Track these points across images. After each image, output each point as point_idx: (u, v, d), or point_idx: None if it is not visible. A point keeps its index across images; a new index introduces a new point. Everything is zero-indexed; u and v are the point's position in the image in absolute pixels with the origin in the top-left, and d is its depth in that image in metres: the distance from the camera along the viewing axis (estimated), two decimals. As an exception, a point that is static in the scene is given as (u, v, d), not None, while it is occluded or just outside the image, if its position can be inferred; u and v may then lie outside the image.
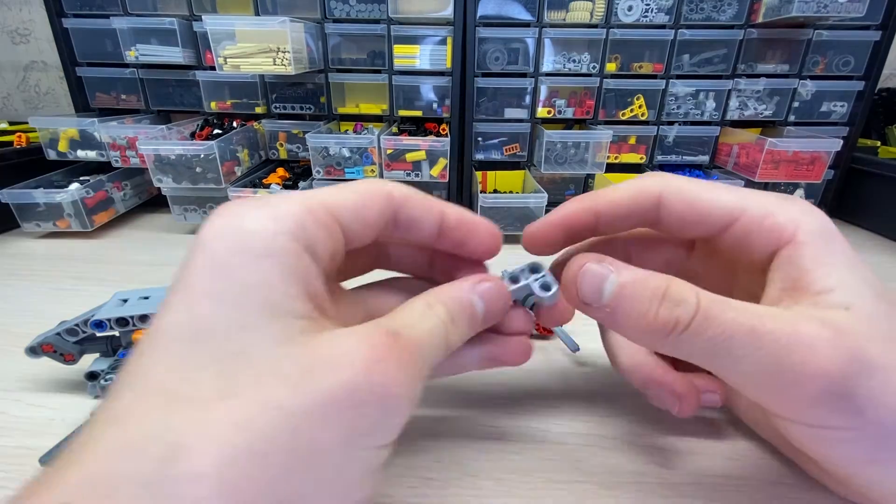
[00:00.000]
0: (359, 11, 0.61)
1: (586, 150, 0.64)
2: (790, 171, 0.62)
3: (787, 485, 0.25)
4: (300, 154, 0.68)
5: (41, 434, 0.28)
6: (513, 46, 0.62)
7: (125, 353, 0.31)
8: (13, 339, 0.34)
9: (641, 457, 0.27)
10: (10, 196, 0.57)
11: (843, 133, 0.65)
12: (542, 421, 0.30)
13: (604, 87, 0.64)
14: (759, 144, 0.60)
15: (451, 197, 0.69)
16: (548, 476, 0.26)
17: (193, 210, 0.62)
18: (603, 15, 0.60)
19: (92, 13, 0.63)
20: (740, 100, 0.65)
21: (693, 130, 0.67)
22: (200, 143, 0.56)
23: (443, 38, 0.61)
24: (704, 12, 0.60)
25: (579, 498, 0.25)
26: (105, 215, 0.62)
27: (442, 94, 0.65)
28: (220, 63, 0.54)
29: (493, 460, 0.27)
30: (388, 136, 0.59)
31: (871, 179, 0.65)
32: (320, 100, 0.67)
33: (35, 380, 0.33)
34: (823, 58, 0.63)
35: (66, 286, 0.47)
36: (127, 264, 0.53)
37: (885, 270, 0.55)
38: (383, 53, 0.63)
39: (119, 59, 0.63)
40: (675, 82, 0.64)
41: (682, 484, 0.26)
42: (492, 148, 0.67)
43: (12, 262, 0.53)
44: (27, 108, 0.94)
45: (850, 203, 0.69)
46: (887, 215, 0.63)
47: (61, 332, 0.31)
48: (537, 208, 0.58)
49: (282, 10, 0.61)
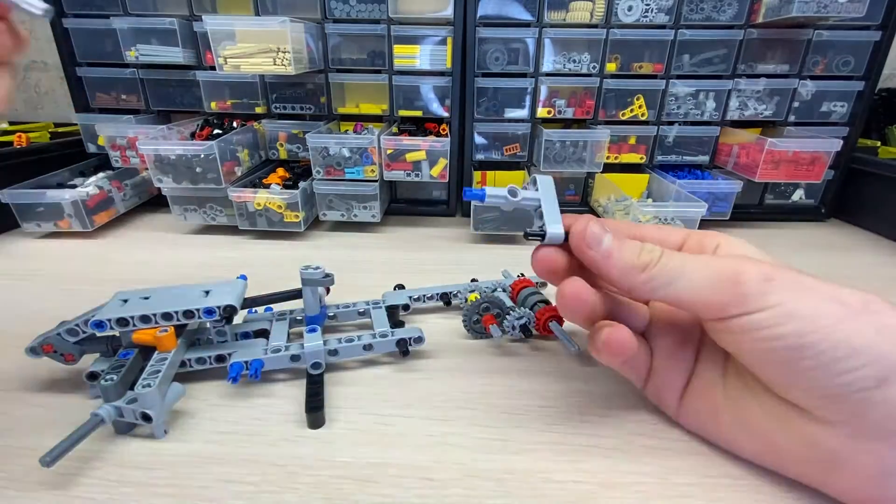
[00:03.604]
0: (359, 11, 0.61)
1: (585, 150, 0.64)
2: (790, 171, 0.62)
3: (788, 485, 0.25)
4: (300, 154, 0.68)
5: (41, 434, 0.28)
6: (513, 46, 0.62)
7: (125, 354, 0.31)
8: (13, 339, 0.34)
9: (641, 457, 0.27)
10: (22, 196, 0.57)
11: (843, 133, 0.65)
12: (543, 421, 0.30)
13: (604, 87, 0.64)
14: (759, 144, 0.60)
15: (451, 197, 0.69)
16: (548, 476, 0.26)
17: (193, 210, 0.62)
18: (603, 15, 0.60)
19: (92, 13, 0.63)
20: (740, 100, 0.65)
21: (693, 130, 0.67)
22: (200, 143, 0.56)
23: (443, 38, 0.61)
24: (704, 12, 0.60)
25: (579, 498, 0.25)
26: (105, 215, 0.62)
27: (442, 94, 0.65)
28: (220, 63, 0.54)
29: (494, 460, 0.27)
30: (388, 136, 0.59)
31: (871, 179, 0.65)
32: (320, 100, 0.67)
33: (35, 380, 0.33)
34: (823, 58, 0.63)
35: (66, 286, 0.47)
36: (127, 264, 0.53)
37: (885, 270, 0.55)
38: (383, 53, 0.63)
39: (119, 59, 0.63)
40: (675, 82, 0.64)
41: (682, 484, 0.26)
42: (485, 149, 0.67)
43: (12, 262, 0.53)
44: (27, 108, 0.94)
45: (849, 203, 0.69)
46: (887, 215, 0.63)
47: (62, 332, 0.31)
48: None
49: (282, 10, 0.61)
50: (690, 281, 0.24)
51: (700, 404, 0.28)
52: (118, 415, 0.28)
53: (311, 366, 0.33)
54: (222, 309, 0.32)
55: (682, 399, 0.29)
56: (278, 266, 0.53)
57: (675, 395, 0.29)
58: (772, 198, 0.70)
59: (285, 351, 0.33)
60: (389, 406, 0.31)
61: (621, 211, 0.62)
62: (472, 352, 0.38)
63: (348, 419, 0.30)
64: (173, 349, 0.32)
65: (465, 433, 0.29)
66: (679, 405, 0.29)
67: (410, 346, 0.35)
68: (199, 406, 0.31)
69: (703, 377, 0.28)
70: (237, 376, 0.31)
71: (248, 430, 0.29)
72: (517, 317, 0.37)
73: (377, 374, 0.35)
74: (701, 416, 0.28)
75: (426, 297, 0.43)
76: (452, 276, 0.47)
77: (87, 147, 0.68)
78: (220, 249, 0.57)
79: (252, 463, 0.27)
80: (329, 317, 0.40)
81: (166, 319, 0.32)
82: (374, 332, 0.36)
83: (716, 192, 0.63)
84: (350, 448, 0.28)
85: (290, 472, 0.26)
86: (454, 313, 0.43)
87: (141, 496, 0.25)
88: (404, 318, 0.42)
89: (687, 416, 0.29)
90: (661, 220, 0.57)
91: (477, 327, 0.39)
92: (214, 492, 0.25)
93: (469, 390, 0.33)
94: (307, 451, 0.28)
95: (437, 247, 0.59)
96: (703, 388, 0.28)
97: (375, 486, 0.25)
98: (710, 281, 0.24)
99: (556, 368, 0.35)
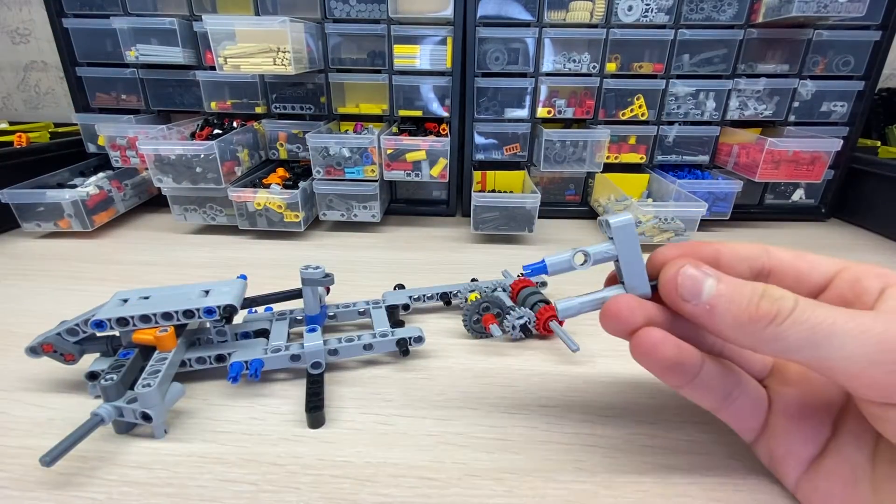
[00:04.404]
0: (359, 11, 0.61)
1: (585, 150, 0.64)
2: (790, 171, 0.62)
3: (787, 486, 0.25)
4: (300, 154, 0.68)
5: (41, 434, 0.28)
6: (513, 46, 0.62)
7: (125, 353, 0.31)
8: (13, 339, 0.34)
9: (641, 457, 0.27)
10: (27, 196, 0.57)
11: (843, 133, 0.65)
12: (543, 421, 0.30)
13: (604, 87, 0.64)
14: (760, 144, 0.60)
15: (451, 197, 0.69)
16: (548, 476, 0.26)
17: (193, 210, 0.62)
18: (603, 15, 0.60)
19: (92, 13, 0.63)
20: (740, 100, 0.65)
21: (693, 130, 0.67)
22: (200, 143, 0.56)
23: (443, 38, 0.61)
24: (704, 12, 0.60)
25: (579, 498, 0.25)
26: (105, 215, 0.62)
27: (442, 94, 0.65)
28: (220, 63, 0.54)
29: (493, 460, 0.27)
30: (388, 136, 0.59)
31: (871, 179, 0.65)
32: (320, 100, 0.67)
33: (35, 380, 0.33)
34: (823, 58, 0.63)
35: (66, 286, 0.47)
36: (127, 264, 0.53)
37: (885, 270, 0.54)
38: (383, 53, 0.63)
39: (119, 59, 0.63)
40: (675, 82, 0.64)
41: (682, 484, 0.26)
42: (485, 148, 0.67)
43: (12, 262, 0.53)
44: (27, 108, 0.94)
45: (850, 203, 0.69)
46: (887, 215, 0.63)
47: (62, 332, 0.31)
48: (532, 208, 0.58)
49: (282, 10, 0.61)
50: (843, 349, 0.18)
51: (833, 488, 0.22)
52: (118, 414, 0.28)
53: (312, 365, 0.33)
54: (222, 309, 0.32)
55: (807, 474, 0.23)
56: (278, 266, 0.53)
57: (798, 467, 0.23)
58: (772, 197, 0.70)
59: (285, 351, 0.33)
60: (389, 406, 0.31)
61: (621, 211, 0.62)
62: (472, 352, 0.38)
63: (348, 419, 0.30)
64: (173, 349, 0.32)
65: (465, 433, 0.29)
66: (800, 480, 0.23)
67: (410, 346, 0.35)
68: (199, 406, 0.31)
69: (843, 455, 0.22)
70: (237, 376, 0.31)
71: (248, 429, 0.29)
72: (517, 316, 0.37)
73: (377, 374, 0.35)
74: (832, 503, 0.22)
75: (426, 296, 0.43)
76: (452, 276, 0.47)
77: (87, 147, 0.68)
78: (220, 249, 0.57)
79: (252, 462, 0.27)
80: (329, 316, 0.40)
81: (166, 319, 0.31)
82: (374, 331, 0.36)
83: (716, 191, 0.63)
84: (350, 448, 0.28)
85: (290, 471, 0.26)
86: (454, 313, 0.43)
87: (141, 496, 0.25)
88: (404, 317, 0.42)
89: (811, 498, 0.23)
90: (662, 220, 0.57)
91: (477, 327, 0.39)
92: (214, 491, 0.25)
93: (469, 390, 0.33)
94: (307, 450, 0.28)
95: (437, 247, 0.59)
96: (841, 469, 0.22)
97: (375, 485, 0.25)
98: (875, 355, 0.18)
99: (556, 368, 0.35)
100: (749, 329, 0.19)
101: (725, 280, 0.20)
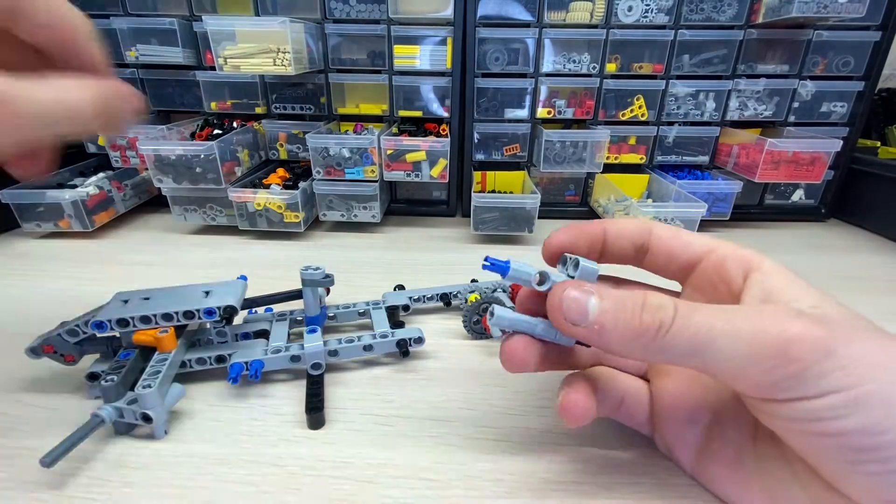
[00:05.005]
0: (359, 11, 0.61)
1: (585, 150, 0.64)
2: (790, 172, 0.62)
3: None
4: (300, 154, 0.68)
5: (41, 434, 0.28)
6: (513, 47, 0.62)
7: (126, 354, 0.31)
8: (13, 339, 0.34)
9: (641, 457, 0.27)
10: (33, 195, 0.57)
11: (843, 133, 0.65)
12: (542, 421, 0.30)
13: (604, 88, 0.64)
14: (759, 145, 0.60)
15: (451, 197, 0.69)
16: (548, 476, 0.26)
17: (193, 210, 0.62)
18: (603, 15, 0.60)
19: (92, 13, 0.63)
20: (740, 100, 0.65)
21: (693, 131, 0.67)
22: (200, 144, 0.56)
23: (443, 38, 0.61)
24: (704, 13, 0.60)
25: (579, 498, 0.25)
26: (105, 215, 0.62)
27: (442, 95, 0.65)
28: (220, 63, 0.54)
29: (494, 460, 0.27)
30: (388, 136, 0.59)
31: (871, 179, 0.65)
32: (320, 100, 0.66)
33: (35, 380, 0.33)
34: (823, 58, 0.63)
35: (66, 286, 0.47)
36: (127, 264, 0.53)
37: (885, 271, 0.55)
38: (383, 53, 0.63)
39: (119, 59, 0.63)
40: (675, 83, 0.64)
41: (682, 484, 0.26)
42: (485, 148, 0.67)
43: (12, 262, 0.53)
44: (27, 108, 0.94)
45: (849, 203, 0.69)
46: (887, 215, 0.63)
47: (62, 333, 0.31)
48: (532, 209, 0.58)
49: (282, 11, 0.61)
50: (722, 352, 0.18)
51: (722, 471, 0.23)
52: (118, 415, 0.28)
53: (312, 366, 0.33)
54: (222, 309, 0.32)
55: (698, 458, 0.25)
56: (278, 266, 0.53)
57: (689, 453, 0.25)
58: (772, 198, 0.70)
59: (285, 351, 0.33)
60: (389, 406, 0.31)
61: (621, 211, 0.62)
62: (473, 352, 0.38)
63: (348, 420, 0.30)
64: (173, 350, 0.32)
65: (465, 433, 0.29)
66: (694, 465, 0.25)
67: (410, 347, 0.35)
68: (199, 407, 0.31)
69: (726, 437, 0.23)
70: (237, 377, 0.31)
71: (249, 430, 0.29)
72: None
73: (377, 375, 0.35)
74: (726, 485, 0.23)
75: (426, 297, 0.43)
76: (452, 277, 0.47)
77: (87, 147, 0.68)
78: (220, 250, 0.57)
79: (252, 463, 0.27)
80: (329, 317, 0.40)
81: (166, 320, 0.32)
82: (374, 332, 0.36)
83: (716, 192, 0.63)
84: (350, 449, 0.28)
85: (291, 472, 0.26)
86: (454, 314, 0.43)
87: (141, 497, 0.25)
88: (404, 318, 0.42)
89: (708, 482, 0.24)
90: (661, 220, 0.57)
91: (477, 328, 0.39)
92: (214, 492, 0.25)
93: (469, 390, 0.33)
94: (307, 451, 0.28)
95: (437, 247, 0.59)
96: (725, 451, 0.23)
97: (376, 486, 0.25)
98: (751, 354, 0.18)
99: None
100: (637, 343, 0.19)
101: (607, 295, 0.20)
